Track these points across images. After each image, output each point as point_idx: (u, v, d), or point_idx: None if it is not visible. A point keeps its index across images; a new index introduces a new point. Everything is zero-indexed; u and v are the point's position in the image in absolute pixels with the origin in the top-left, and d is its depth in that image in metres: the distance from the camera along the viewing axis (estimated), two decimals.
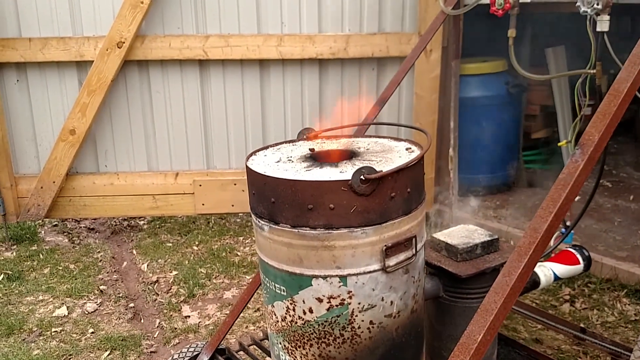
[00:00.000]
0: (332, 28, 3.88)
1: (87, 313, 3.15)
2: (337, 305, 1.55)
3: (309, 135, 1.89)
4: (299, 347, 1.63)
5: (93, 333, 2.96)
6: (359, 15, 3.86)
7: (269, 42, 3.84)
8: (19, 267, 3.66)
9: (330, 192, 1.45)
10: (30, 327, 3.01)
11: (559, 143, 2.89)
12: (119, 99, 3.96)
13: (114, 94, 3.92)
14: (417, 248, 1.61)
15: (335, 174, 1.52)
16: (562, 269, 2.15)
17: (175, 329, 2.98)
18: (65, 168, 3.94)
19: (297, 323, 1.61)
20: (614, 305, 2.99)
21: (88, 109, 3.83)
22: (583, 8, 1.95)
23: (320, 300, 1.55)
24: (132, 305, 3.24)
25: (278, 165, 1.64)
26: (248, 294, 2.27)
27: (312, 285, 1.54)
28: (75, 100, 3.84)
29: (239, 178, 4.04)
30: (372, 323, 1.58)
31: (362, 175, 1.42)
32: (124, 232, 4.30)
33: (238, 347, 2.33)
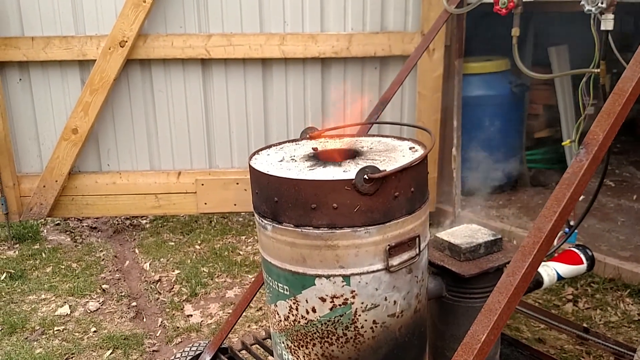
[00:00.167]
0: (334, 27, 3.87)
1: (89, 312, 3.16)
2: (340, 305, 1.55)
3: (312, 135, 1.88)
4: (302, 346, 1.63)
5: (95, 332, 2.97)
6: (362, 14, 3.86)
7: (272, 41, 3.83)
8: (22, 265, 3.67)
9: (334, 191, 1.44)
10: (33, 325, 3.02)
11: (563, 142, 2.88)
12: (122, 98, 3.96)
13: (117, 93, 3.93)
14: (420, 248, 1.61)
15: (339, 174, 1.52)
16: (565, 269, 2.14)
17: (178, 328, 2.98)
18: (68, 167, 3.94)
19: (300, 322, 1.61)
20: (617, 305, 2.99)
21: (90, 108, 3.83)
22: (587, 7, 1.95)
23: (324, 300, 1.55)
24: (134, 304, 3.24)
25: (281, 165, 1.63)
26: (251, 293, 2.26)
27: (315, 285, 1.54)
28: (78, 99, 3.84)
29: (242, 177, 4.04)
30: (375, 323, 1.58)
31: (365, 175, 1.42)
32: (127, 231, 4.30)
33: (240, 346, 2.33)
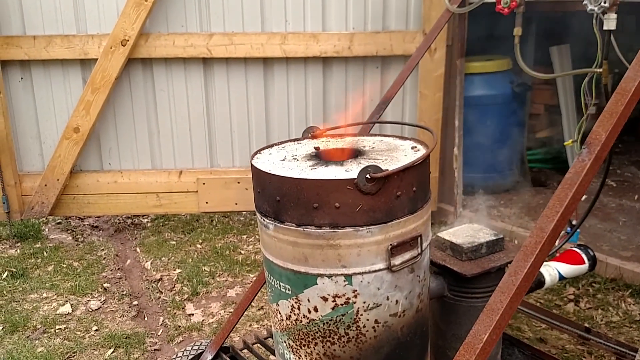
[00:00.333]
0: (336, 26, 3.87)
1: (90, 310, 3.16)
2: (342, 304, 1.55)
3: (314, 134, 1.88)
4: (304, 345, 1.63)
5: (97, 330, 2.97)
6: (363, 14, 3.85)
7: (273, 40, 3.83)
8: (23, 264, 3.67)
9: (336, 190, 1.44)
10: (34, 324, 3.02)
11: (565, 142, 2.88)
12: (123, 97, 3.96)
13: (118, 92, 3.93)
14: (422, 247, 1.61)
15: (341, 173, 1.52)
16: (567, 269, 2.14)
17: (179, 327, 2.98)
18: (69, 166, 3.94)
19: (301, 322, 1.61)
20: (619, 305, 2.98)
21: (92, 107, 3.83)
22: (590, 6, 1.94)
23: (325, 299, 1.55)
24: (135, 303, 3.24)
25: (283, 164, 1.63)
26: (252, 293, 2.26)
27: (317, 284, 1.54)
28: (79, 98, 3.84)
29: (243, 176, 4.04)
30: (377, 322, 1.58)
31: (367, 174, 1.42)
32: (128, 230, 4.30)
33: (242, 345, 2.33)
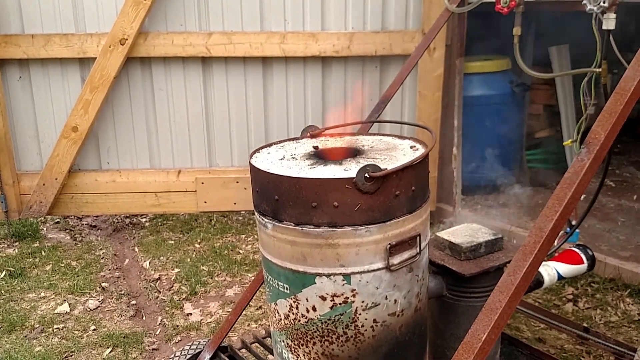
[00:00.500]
0: (335, 26, 3.87)
1: (89, 310, 3.15)
2: (340, 304, 1.54)
3: (313, 133, 1.88)
4: (302, 345, 1.63)
5: (95, 330, 2.96)
6: (363, 13, 3.85)
7: (272, 39, 3.83)
8: (21, 263, 3.66)
9: (335, 190, 1.44)
10: (32, 323, 3.01)
11: (564, 142, 2.88)
12: (122, 96, 3.95)
13: (117, 91, 3.92)
14: (421, 247, 1.60)
15: (340, 172, 1.52)
16: (565, 269, 2.14)
17: (177, 327, 2.98)
18: (68, 165, 3.94)
19: (300, 321, 1.60)
20: (617, 305, 2.98)
21: (91, 106, 3.83)
22: (589, 6, 1.94)
23: (324, 299, 1.54)
24: (134, 303, 3.24)
25: (282, 163, 1.63)
26: (250, 292, 2.26)
27: (315, 284, 1.54)
28: (78, 97, 3.84)
29: (242, 176, 4.04)
30: (375, 321, 1.57)
31: (366, 173, 1.41)
32: (126, 229, 4.29)
33: (240, 344, 2.33)
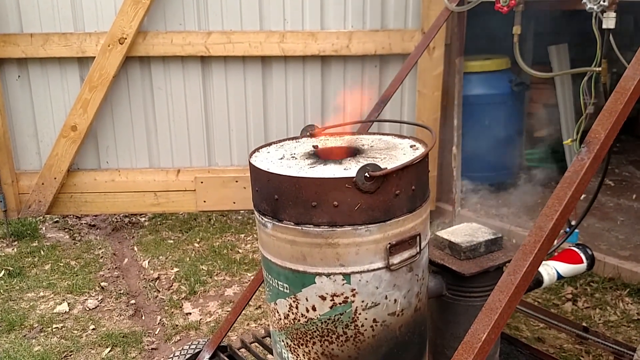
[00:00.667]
0: (334, 25, 3.86)
1: (88, 309, 3.15)
2: (340, 303, 1.54)
3: (313, 132, 1.88)
4: (302, 344, 1.63)
5: (94, 329, 2.96)
6: (362, 12, 3.85)
7: (271, 38, 3.82)
8: (20, 263, 3.65)
9: (334, 189, 1.44)
10: (31, 323, 3.01)
11: (564, 141, 2.88)
12: (121, 96, 3.95)
13: (116, 90, 3.92)
14: (421, 246, 1.60)
15: (339, 171, 1.51)
16: (565, 268, 2.14)
17: (177, 326, 2.97)
18: (67, 164, 3.93)
19: (299, 321, 1.60)
20: (617, 305, 2.98)
21: (90, 105, 3.82)
22: (589, 5, 1.94)
23: (324, 298, 1.54)
24: (133, 302, 3.23)
25: (281, 162, 1.62)
26: (250, 292, 2.26)
27: (315, 283, 1.53)
28: (77, 97, 3.83)
29: (241, 175, 4.04)
30: (375, 321, 1.57)
31: (366, 173, 1.41)
32: (125, 228, 4.29)
33: (240, 344, 2.33)
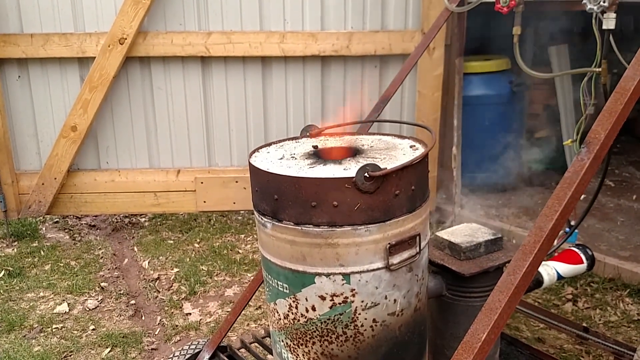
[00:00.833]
0: (334, 25, 3.87)
1: (88, 310, 3.15)
2: (340, 303, 1.54)
3: (312, 133, 1.88)
4: (301, 344, 1.63)
5: (94, 330, 2.96)
6: (362, 13, 3.85)
7: (272, 39, 3.83)
8: (20, 263, 3.65)
9: (334, 189, 1.44)
10: (31, 323, 3.01)
11: (564, 142, 2.88)
12: (121, 96, 3.95)
13: (116, 91, 3.92)
14: (420, 246, 1.60)
15: (339, 171, 1.51)
16: (565, 268, 2.14)
17: (177, 326, 2.97)
18: (67, 164, 3.93)
19: (299, 321, 1.60)
20: (617, 305, 2.98)
21: (90, 106, 3.83)
22: (589, 5, 1.93)
23: (323, 298, 1.54)
24: (133, 302, 3.23)
25: (281, 162, 1.62)
26: (250, 292, 2.26)
27: (315, 283, 1.53)
28: (77, 97, 3.84)
29: (241, 175, 4.04)
30: (375, 321, 1.57)
31: (366, 173, 1.41)
32: (125, 229, 4.29)
33: (240, 344, 2.33)
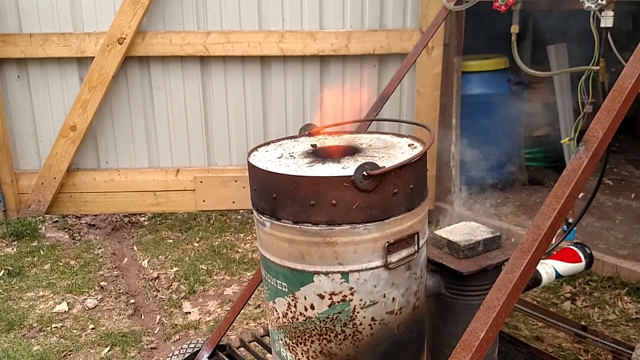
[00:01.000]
0: (333, 24, 3.87)
1: (87, 309, 3.15)
2: (338, 302, 1.54)
3: (311, 131, 1.88)
4: (300, 343, 1.63)
5: (93, 329, 2.96)
6: (361, 12, 3.85)
7: (270, 38, 3.83)
8: (20, 263, 3.66)
9: (333, 187, 1.44)
10: (31, 322, 3.01)
11: (562, 140, 2.88)
12: (120, 95, 3.95)
13: (115, 90, 3.92)
14: (419, 245, 1.60)
15: (338, 170, 1.51)
16: (563, 267, 2.14)
17: (176, 325, 2.98)
18: (66, 164, 3.93)
19: (298, 319, 1.60)
20: (615, 304, 2.99)
21: (89, 105, 3.83)
22: (587, 4, 1.94)
23: (322, 297, 1.54)
24: (132, 302, 3.24)
25: (280, 161, 1.63)
26: (249, 291, 2.26)
27: (313, 282, 1.54)
28: (76, 97, 3.84)
29: (240, 175, 4.04)
30: (373, 320, 1.57)
31: (364, 171, 1.41)
32: (125, 228, 4.29)
33: (239, 343, 2.33)
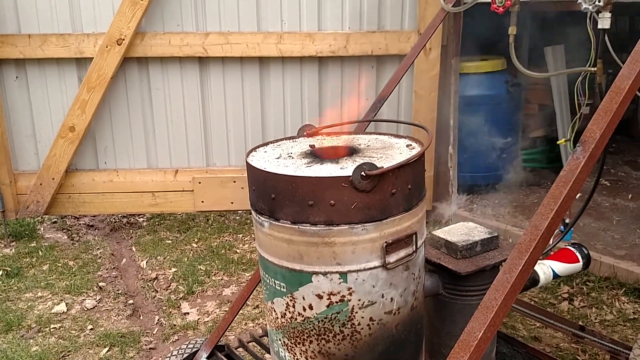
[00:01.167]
0: (331, 26, 3.87)
1: (86, 309, 3.15)
2: (337, 302, 1.55)
3: (309, 132, 1.89)
4: (299, 343, 1.63)
5: (92, 329, 2.96)
6: (359, 13, 3.86)
7: (269, 39, 3.83)
8: (18, 263, 3.66)
9: (331, 188, 1.44)
10: (29, 323, 3.01)
11: (558, 141, 2.89)
12: (119, 96, 3.95)
13: (114, 91, 3.92)
14: (417, 245, 1.61)
15: (336, 170, 1.52)
16: (561, 267, 2.15)
17: (174, 326, 2.98)
18: (65, 165, 3.93)
19: (296, 320, 1.61)
20: (613, 304, 3.00)
21: (88, 106, 3.83)
22: (584, 5, 1.95)
23: (320, 297, 1.55)
24: (131, 302, 3.24)
25: (278, 162, 1.63)
26: (247, 291, 2.26)
27: (312, 282, 1.54)
28: (75, 97, 3.84)
29: (239, 175, 4.04)
30: (372, 320, 1.58)
31: (362, 172, 1.42)
32: (123, 229, 4.29)
33: (237, 343, 2.33)
